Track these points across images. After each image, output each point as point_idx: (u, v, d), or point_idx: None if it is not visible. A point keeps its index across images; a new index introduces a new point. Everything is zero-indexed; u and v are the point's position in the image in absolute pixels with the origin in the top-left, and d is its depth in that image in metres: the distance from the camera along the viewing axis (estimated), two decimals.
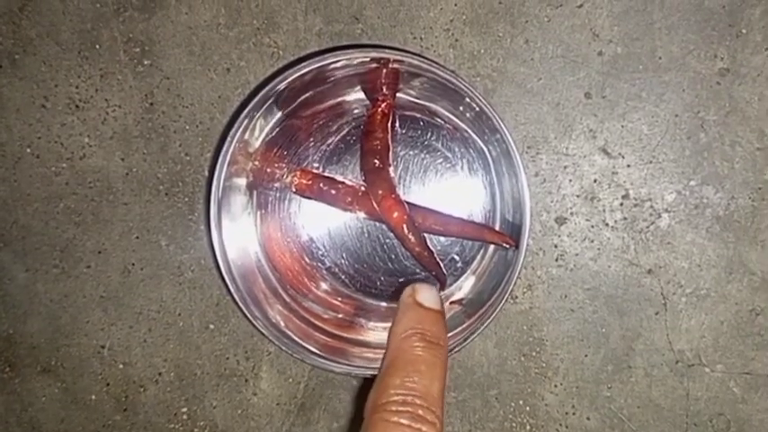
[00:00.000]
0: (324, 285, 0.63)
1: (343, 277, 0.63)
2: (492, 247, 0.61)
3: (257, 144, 0.56)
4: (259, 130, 0.56)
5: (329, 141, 0.62)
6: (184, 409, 0.67)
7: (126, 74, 0.65)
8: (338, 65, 0.53)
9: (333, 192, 0.60)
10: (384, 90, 0.59)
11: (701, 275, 0.63)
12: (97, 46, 0.65)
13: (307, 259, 0.63)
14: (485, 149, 0.59)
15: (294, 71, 0.52)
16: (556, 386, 0.65)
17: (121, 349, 0.67)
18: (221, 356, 0.66)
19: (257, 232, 0.59)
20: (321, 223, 0.62)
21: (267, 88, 0.52)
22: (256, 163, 0.57)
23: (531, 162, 0.63)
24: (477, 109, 0.54)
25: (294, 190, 0.61)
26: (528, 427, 0.65)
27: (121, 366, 0.67)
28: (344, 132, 0.62)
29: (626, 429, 0.64)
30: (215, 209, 0.53)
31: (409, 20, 0.63)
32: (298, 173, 0.60)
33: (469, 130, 0.60)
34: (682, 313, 0.64)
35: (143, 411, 0.67)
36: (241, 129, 0.53)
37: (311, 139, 0.62)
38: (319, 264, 0.63)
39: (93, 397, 0.68)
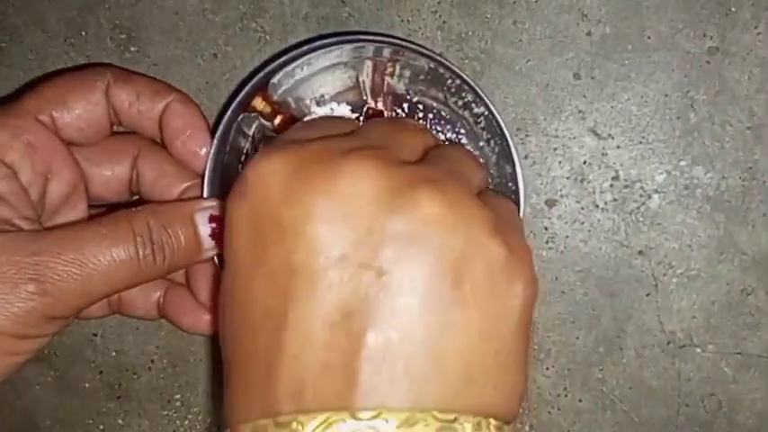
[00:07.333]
0: None
1: None
2: None
3: (247, 145, 0.56)
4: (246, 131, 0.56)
5: None
6: (177, 396, 0.67)
7: (113, 60, 0.65)
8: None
9: None
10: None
11: (691, 256, 0.63)
12: (83, 33, 0.65)
13: None
14: (475, 133, 0.59)
15: (282, 63, 0.52)
16: (548, 368, 0.65)
17: (114, 337, 0.67)
18: (214, 342, 0.66)
19: None
20: None
21: (253, 82, 0.52)
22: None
23: (520, 144, 0.63)
24: (467, 91, 0.54)
25: None
26: (520, 410, 0.65)
27: (114, 354, 0.67)
28: None
29: (618, 410, 0.65)
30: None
31: (396, 2, 0.63)
32: None
33: (459, 113, 0.59)
34: (673, 294, 0.63)
35: (137, 398, 0.68)
36: (231, 131, 0.53)
37: None
38: None
39: (87, 385, 0.68)
